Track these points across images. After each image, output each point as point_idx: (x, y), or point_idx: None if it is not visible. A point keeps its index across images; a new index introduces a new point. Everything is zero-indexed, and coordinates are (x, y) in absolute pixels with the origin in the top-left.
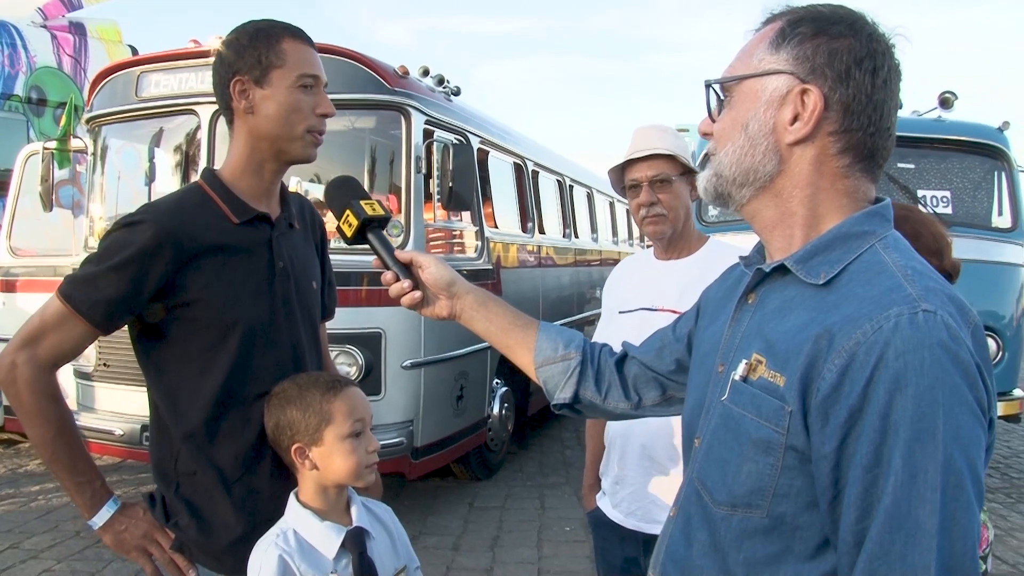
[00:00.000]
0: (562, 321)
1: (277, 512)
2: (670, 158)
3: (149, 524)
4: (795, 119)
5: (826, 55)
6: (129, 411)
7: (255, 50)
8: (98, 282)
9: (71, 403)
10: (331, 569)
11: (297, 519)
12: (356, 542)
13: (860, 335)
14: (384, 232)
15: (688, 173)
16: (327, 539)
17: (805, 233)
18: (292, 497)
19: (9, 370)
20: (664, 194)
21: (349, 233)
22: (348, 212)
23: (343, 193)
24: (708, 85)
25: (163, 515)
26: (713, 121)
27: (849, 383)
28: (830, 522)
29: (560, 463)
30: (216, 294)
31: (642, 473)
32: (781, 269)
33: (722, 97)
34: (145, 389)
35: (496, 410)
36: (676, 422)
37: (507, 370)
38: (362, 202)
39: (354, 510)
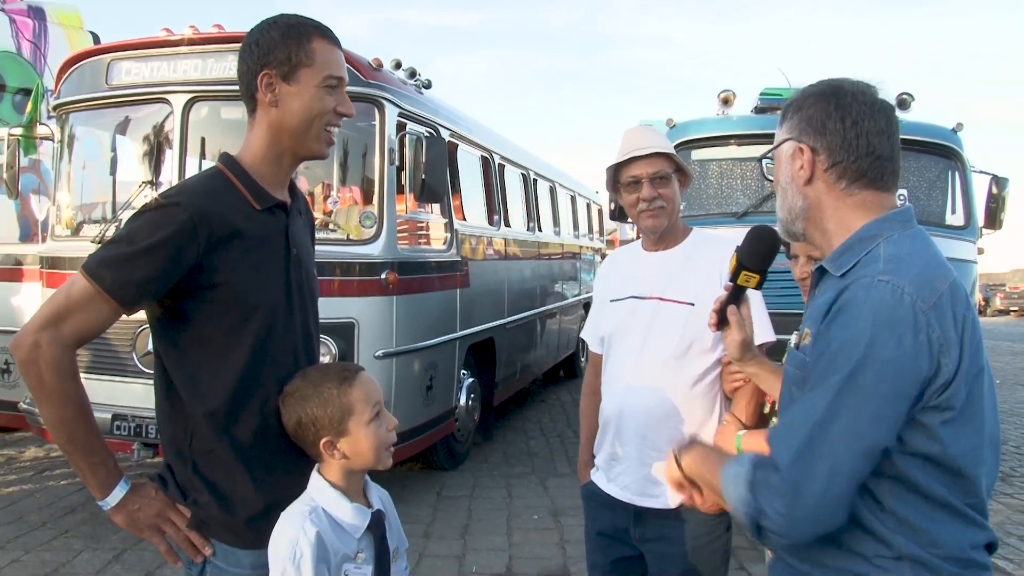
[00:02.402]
0: (525, 314)
1: (293, 488)
2: (667, 157)
3: (162, 503)
4: (801, 168)
5: (806, 120)
6: (99, 400)
7: (286, 47)
8: (131, 263)
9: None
10: (357, 549)
11: (325, 497)
12: (378, 525)
13: (840, 300)
14: (742, 295)
15: (679, 171)
16: (356, 520)
17: (839, 240)
18: (316, 474)
19: (31, 350)
20: (664, 189)
21: (729, 271)
22: (742, 271)
23: (753, 256)
24: (760, 160)
25: (179, 493)
26: None
27: (823, 329)
28: None
29: (525, 453)
30: (241, 278)
31: (637, 452)
32: (825, 268)
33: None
34: (113, 378)
35: (463, 401)
36: (669, 404)
37: (473, 362)
38: (745, 273)
39: (372, 493)
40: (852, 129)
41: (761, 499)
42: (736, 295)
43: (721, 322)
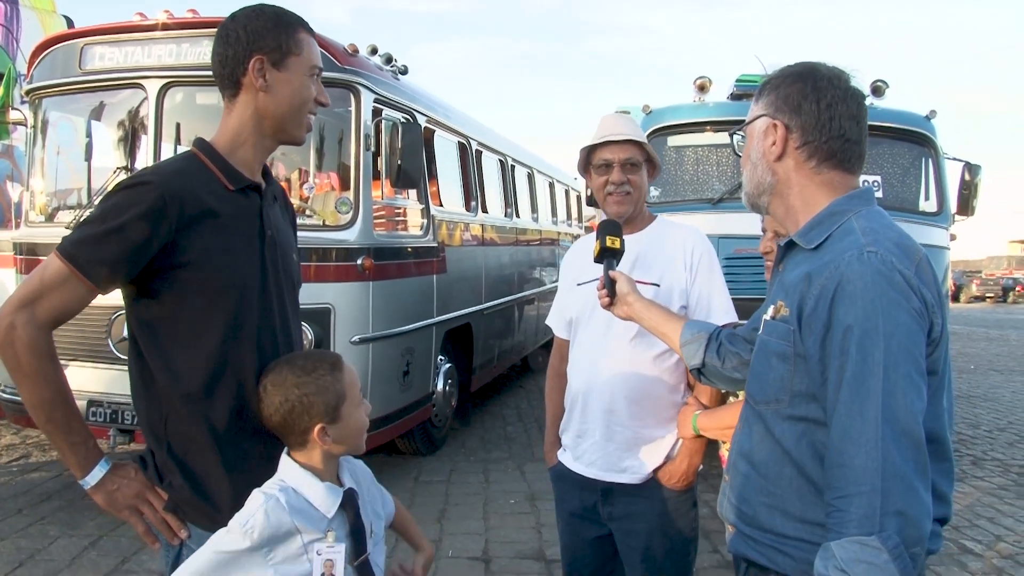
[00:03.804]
0: (503, 299)
1: (266, 471)
2: (639, 146)
3: (142, 484)
4: (773, 143)
5: (783, 98)
6: (74, 386)
7: (277, 35)
8: (103, 241)
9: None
10: (327, 527)
11: (296, 478)
12: (351, 503)
13: (827, 272)
14: (613, 260)
15: (649, 161)
16: (327, 500)
17: (805, 217)
18: (285, 456)
19: (7, 332)
20: (633, 176)
21: (595, 253)
22: (597, 241)
23: (604, 230)
24: (731, 134)
25: (156, 476)
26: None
27: (821, 304)
28: (824, 395)
29: (502, 438)
30: (213, 257)
31: (604, 428)
32: (793, 243)
33: (743, 141)
34: (89, 364)
35: (440, 386)
36: (635, 381)
37: (451, 347)
38: (608, 237)
39: (344, 472)
40: (827, 111)
41: (892, 536)
42: (610, 260)
43: (611, 295)
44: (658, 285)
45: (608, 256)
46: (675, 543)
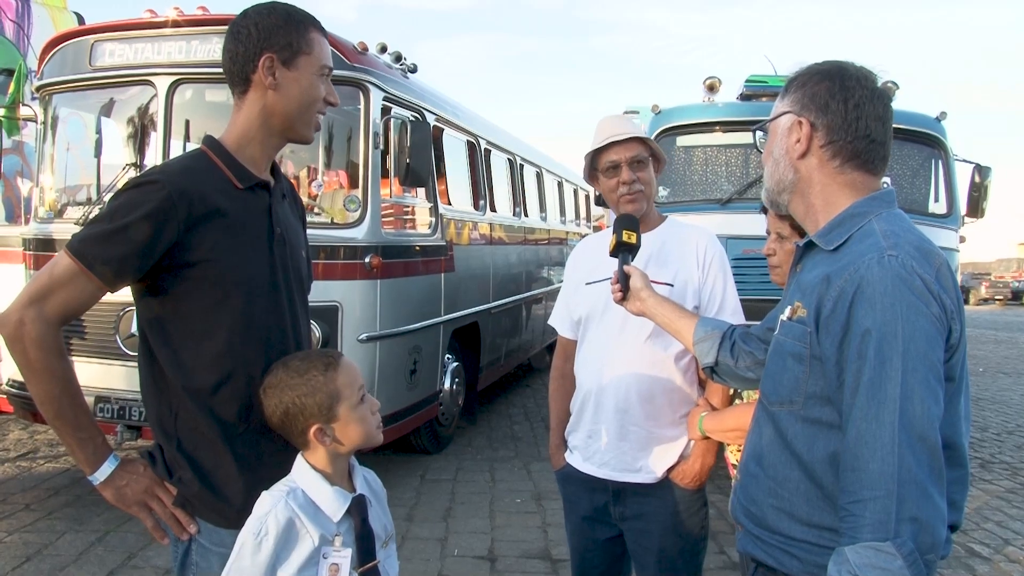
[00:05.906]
0: (510, 299)
1: (278, 468)
2: (643, 142)
3: (150, 480)
4: (797, 141)
5: (810, 96)
6: (82, 382)
7: (287, 33)
8: (111, 240)
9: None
10: (335, 531)
11: (306, 480)
12: (359, 509)
13: (847, 275)
14: (628, 255)
15: (654, 157)
16: (335, 503)
17: (825, 217)
18: (300, 457)
19: (16, 327)
20: (642, 173)
21: (611, 247)
22: (614, 236)
23: (621, 224)
24: (753, 131)
25: (165, 471)
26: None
27: (840, 307)
28: (839, 398)
29: (509, 437)
30: (222, 255)
31: (617, 427)
32: (812, 243)
33: (764, 138)
34: (97, 360)
35: (447, 385)
36: (648, 380)
37: (458, 346)
38: (625, 231)
39: (357, 478)
40: (853, 111)
41: (907, 542)
42: (625, 255)
43: (624, 290)
44: (672, 285)
45: (623, 251)
46: (687, 542)
